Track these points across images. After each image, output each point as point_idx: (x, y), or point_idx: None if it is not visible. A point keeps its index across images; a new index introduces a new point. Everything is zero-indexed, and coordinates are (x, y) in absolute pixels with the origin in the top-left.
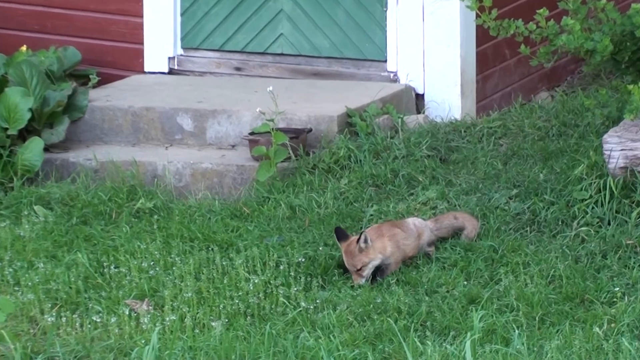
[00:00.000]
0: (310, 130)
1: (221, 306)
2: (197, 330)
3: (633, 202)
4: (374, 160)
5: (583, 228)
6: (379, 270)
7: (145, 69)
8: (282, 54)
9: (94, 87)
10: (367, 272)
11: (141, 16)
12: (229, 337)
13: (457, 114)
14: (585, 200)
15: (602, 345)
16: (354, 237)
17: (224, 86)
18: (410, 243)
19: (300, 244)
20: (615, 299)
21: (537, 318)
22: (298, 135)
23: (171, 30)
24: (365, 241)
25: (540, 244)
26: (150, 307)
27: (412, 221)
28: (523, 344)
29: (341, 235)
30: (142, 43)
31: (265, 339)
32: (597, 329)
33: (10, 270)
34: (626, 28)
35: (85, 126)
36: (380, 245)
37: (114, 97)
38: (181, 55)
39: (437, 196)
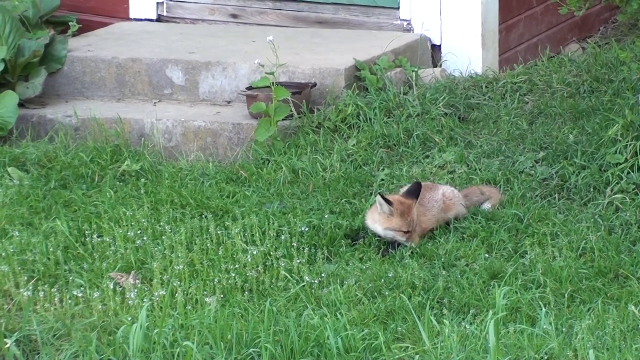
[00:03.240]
0: (315, 84)
1: (216, 280)
2: (189, 307)
3: None
4: (385, 119)
5: (617, 195)
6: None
7: (131, 16)
8: (283, 0)
9: (74, 35)
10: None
11: None
12: (225, 315)
13: (477, 68)
14: (620, 164)
15: (638, 325)
16: (395, 196)
17: (218, 35)
18: (427, 219)
19: (304, 211)
20: None
21: (566, 295)
22: (301, 91)
23: None
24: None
25: (569, 213)
26: (137, 281)
27: (443, 191)
28: (550, 323)
29: (386, 199)
30: None
31: (264, 316)
32: (633, 307)
33: None
34: None
35: (64, 79)
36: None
37: (96, 46)
38: (171, 0)
39: (456, 159)
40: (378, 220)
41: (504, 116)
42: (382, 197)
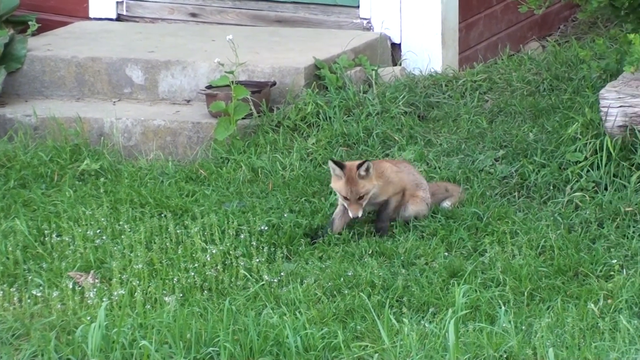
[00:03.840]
0: (274, 83)
1: (175, 279)
2: (148, 306)
3: (632, 165)
4: (344, 118)
5: (577, 193)
6: (379, 210)
7: (91, 15)
8: None
9: (34, 34)
10: (365, 202)
11: None
12: (184, 314)
13: (437, 66)
14: (580, 162)
15: (597, 323)
16: (354, 162)
17: (178, 34)
18: (407, 178)
19: (263, 210)
20: (612, 273)
21: (525, 293)
22: (261, 89)
23: None
24: (368, 170)
25: (529, 211)
26: (97, 280)
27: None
28: (510, 321)
29: (340, 164)
30: None
31: (224, 315)
32: (592, 305)
33: None
34: None
35: (24, 78)
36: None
37: (56, 46)
38: None
39: (415, 157)
40: (332, 180)
41: (464, 115)
42: (334, 161)
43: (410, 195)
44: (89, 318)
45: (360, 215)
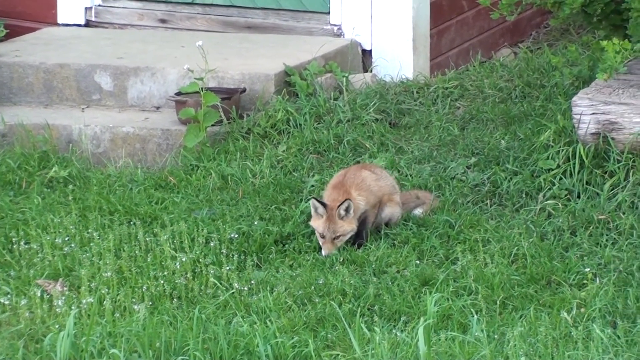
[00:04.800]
0: (244, 90)
1: (144, 287)
2: (117, 314)
3: (605, 173)
4: (315, 125)
5: (550, 201)
6: (360, 224)
7: (59, 21)
8: (212, 5)
9: (1, 40)
10: (341, 244)
11: None
12: (153, 322)
13: (408, 73)
14: (552, 170)
15: (570, 332)
16: (335, 203)
17: (147, 40)
18: (385, 185)
19: (233, 217)
20: (585, 281)
21: (498, 302)
22: (230, 96)
23: None
24: (347, 209)
25: (501, 219)
26: (65, 288)
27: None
28: (482, 330)
29: (322, 202)
30: None
31: (193, 324)
32: (565, 314)
33: None
34: None
35: None
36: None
37: (24, 52)
38: (99, 5)
39: (387, 165)
40: (312, 217)
41: (435, 122)
42: (317, 200)
43: (388, 199)
44: (57, 326)
45: (332, 253)
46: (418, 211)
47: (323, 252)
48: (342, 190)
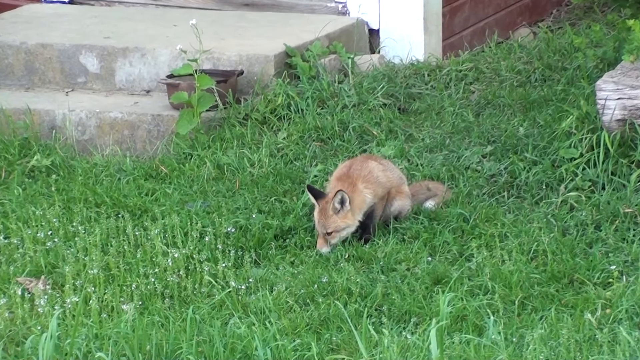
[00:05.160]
0: (242, 72)
1: (134, 285)
2: (104, 315)
3: (632, 162)
4: (318, 110)
5: (572, 193)
6: (367, 218)
7: None
8: None
9: None
10: (336, 240)
11: None
12: (143, 323)
13: (419, 54)
14: (575, 159)
15: (595, 335)
16: (331, 195)
17: (136, 18)
18: (393, 176)
19: (230, 210)
20: (610, 280)
21: (516, 302)
22: (227, 79)
23: None
24: (342, 202)
25: (520, 213)
26: (48, 287)
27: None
28: (499, 333)
29: (316, 191)
30: None
31: (187, 325)
32: (589, 315)
33: None
34: None
35: None
36: (358, 202)
37: (3, 31)
38: None
39: (395, 153)
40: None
41: (448, 107)
42: (310, 189)
43: (396, 191)
44: (39, 328)
45: (324, 251)
46: (430, 204)
47: (317, 246)
48: (348, 182)
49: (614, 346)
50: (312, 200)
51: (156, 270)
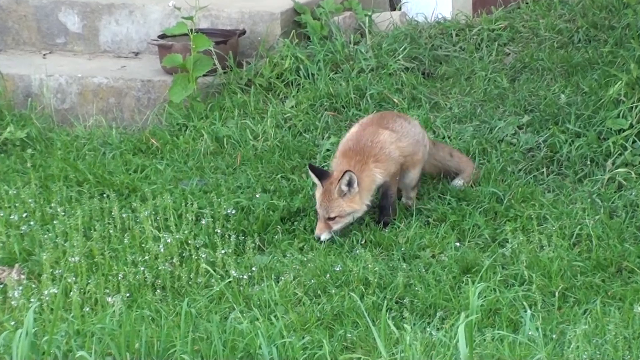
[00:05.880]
0: (244, 32)
1: (120, 275)
2: (87, 308)
3: None
4: (331, 75)
5: (620, 170)
6: (381, 202)
7: None
8: None
9: None
10: (339, 226)
11: None
12: (132, 318)
13: (446, 11)
14: (624, 131)
15: None
16: (337, 175)
17: None
18: (409, 142)
19: (230, 189)
20: None
21: (556, 294)
22: (227, 40)
23: None
24: (350, 184)
25: (561, 192)
26: (23, 276)
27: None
28: (537, 329)
29: (319, 171)
30: None
31: (181, 320)
32: None
33: None
34: None
35: None
36: (367, 183)
37: None
38: None
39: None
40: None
41: (479, 71)
42: (312, 168)
43: (411, 161)
44: (13, 323)
45: (324, 238)
46: (458, 182)
47: (315, 232)
48: (355, 160)
49: None
50: (316, 180)
51: (146, 257)
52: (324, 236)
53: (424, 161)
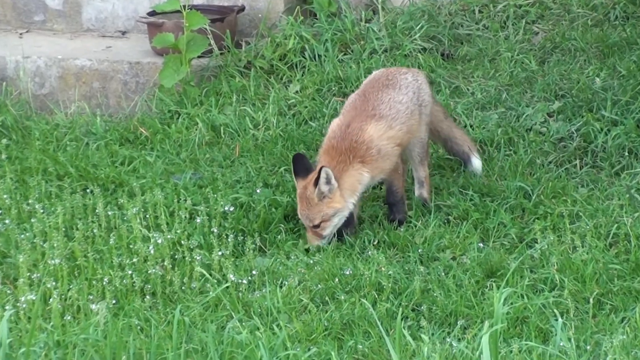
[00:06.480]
0: (243, 8)
1: (106, 280)
2: (68, 317)
3: None
4: (340, 56)
5: None
6: (387, 200)
7: None
8: None
9: None
10: (330, 230)
11: None
12: (118, 327)
13: None
14: None
15: None
16: (313, 175)
17: None
18: (402, 124)
19: (228, 184)
20: None
21: (591, 300)
22: (224, 17)
23: None
24: (328, 181)
25: (596, 186)
26: None
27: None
28: (570, 339)
29: (301, 166)
30: None
31: (173, 329)
32: None
33: None
34: None
35: None
36: (350, 182)
37: None
38: None
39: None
40: None
41: (505, 52)
42: (295, 160)
43: (410, 138)
44: None
45: (322, 244)
46: (476, 162)
47: (308, 244)
48: (338, 160)
49: None
50: (294, 178)
51: (134, 260)
52: (317, 243)
53: (426, 123)
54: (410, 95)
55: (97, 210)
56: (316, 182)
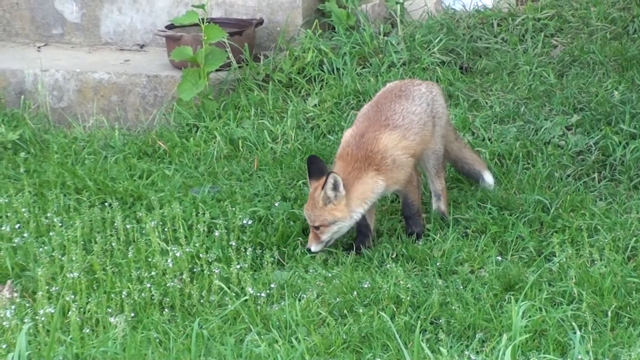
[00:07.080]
0: (261, 22)
1: (124, 293)
2: (87, 330)
3: None
4: (358, 70)
5: None
6: (403, 213)
7: None
8: None
9: None
10: (328, 236)
11: None
12: (137, 340)
13: None
14: None
15: None
16: (322, 181)
17: None
18: (415, 134)
19: (246, 197)
20: None
21: (609, 313)
22: (242, 30)
23: None
24: (335, 188)
25: (614, 200)
26: (15, 294)
27: (421, 87)
28: (588, 352)
29: (316, 168)
30: None
31: (192, 342)
32: None
33: None
34: None
35: None
36: (362, 190)
37: None
38: None
39: (456, 124)
40: None
41: (523, 65)
42: (310, 161)
43: (424, 149)
44: (4, 346)
45: (314, 249)
46: (489, 179)
47: (311, 247)
48: (352, 167)
49: None
50: (307, 178)
51: (153, 273)
52: (314, 248)
53: (441, 135)
54: (424, 107)
55: (115, 224)
56: (324, 186)
